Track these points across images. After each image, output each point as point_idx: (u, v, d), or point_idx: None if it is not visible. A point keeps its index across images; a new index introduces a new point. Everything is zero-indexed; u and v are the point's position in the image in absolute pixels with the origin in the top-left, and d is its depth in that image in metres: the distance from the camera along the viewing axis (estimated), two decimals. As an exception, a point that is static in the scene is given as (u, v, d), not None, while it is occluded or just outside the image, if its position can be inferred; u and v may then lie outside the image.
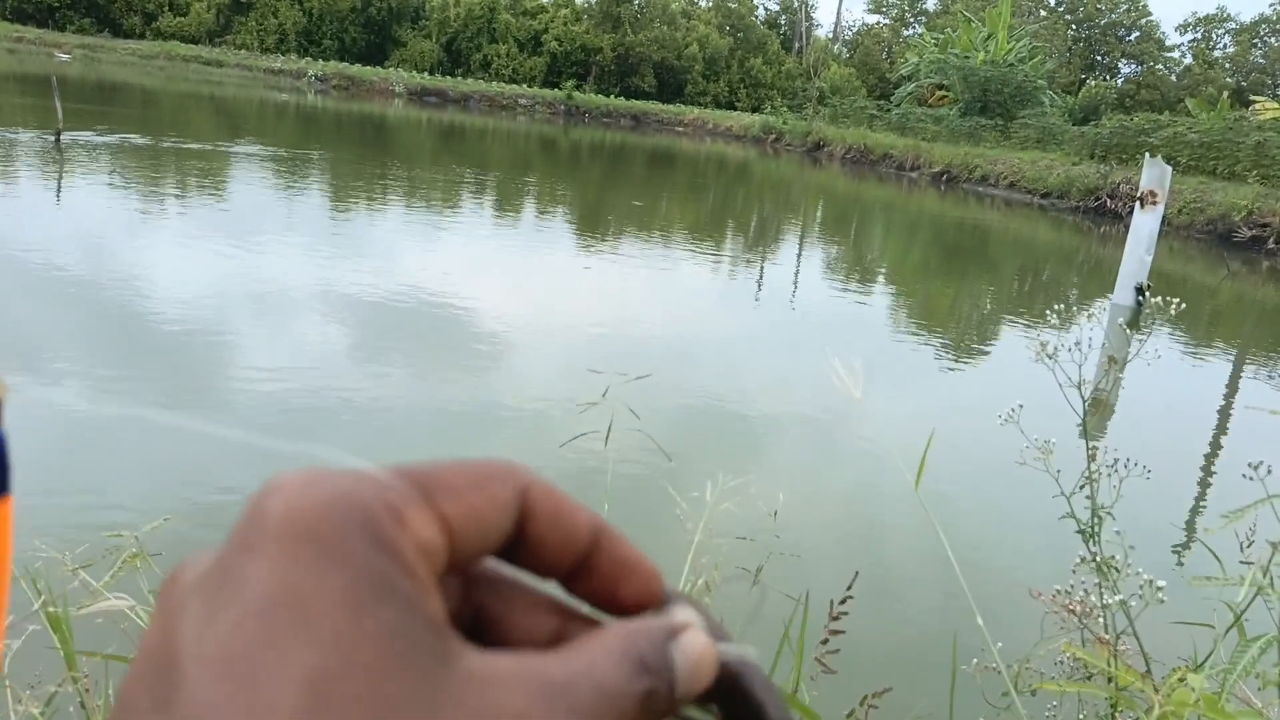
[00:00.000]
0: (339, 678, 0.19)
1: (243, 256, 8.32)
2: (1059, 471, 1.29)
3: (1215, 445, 6.36)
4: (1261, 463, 1.12)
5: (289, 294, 7.20)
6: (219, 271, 7.56)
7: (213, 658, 0.19)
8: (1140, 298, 9.90)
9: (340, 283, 7.63)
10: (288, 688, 0.19)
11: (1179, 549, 4.11)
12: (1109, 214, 23.15)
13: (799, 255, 13.90)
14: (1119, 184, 23.38)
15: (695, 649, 0.24)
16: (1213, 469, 5.75)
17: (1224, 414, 7.26)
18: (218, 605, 0.20)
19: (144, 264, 7.60)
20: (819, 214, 20.85)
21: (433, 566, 0.23)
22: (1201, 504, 5.04)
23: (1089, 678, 1.14)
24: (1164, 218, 10.83)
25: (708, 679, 0.24)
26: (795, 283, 11.27)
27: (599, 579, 0.26)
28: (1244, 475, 1.14)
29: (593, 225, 14.36)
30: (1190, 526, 4.58)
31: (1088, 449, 1.26)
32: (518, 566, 0.26)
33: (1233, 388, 8.27)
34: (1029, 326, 9.55)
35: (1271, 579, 1.06)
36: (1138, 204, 10.32)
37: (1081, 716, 1.30)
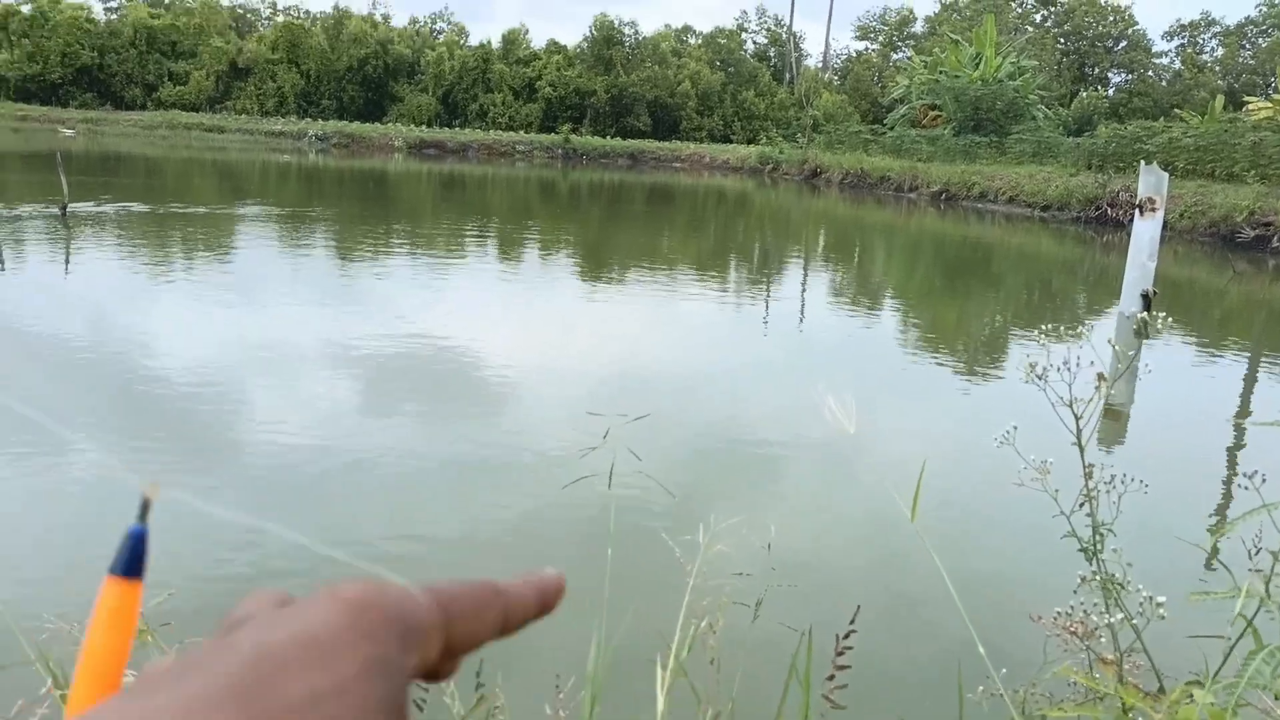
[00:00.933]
0: (334, 700, 0.25)
1: (250, 318, 8.39)
2: (1057, 491, 1.29)
3: (1235, 449, 6.30)
4: (1256, 472, 1.11)
5: (296, 353, 7.24)
6: (227, 335, 7.62)
7: (259, 644, 0.26)
8: (1146, 305, 9.87)
9: (347, 340, 7.67)
10: (297, 688, 0.25)
11: (1201, 558, 4.06)
12: (1110, 222, 23.15)
13: (803, 283, 13.92)
14: (1118, 192, 23.41)
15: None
16: (1233, 473, 5.70)
17: (1241, 416, 7.20)
18: (278, 619, 0.27)
19: (153, 331, 7.67)
20: (820, 240, 20.91)
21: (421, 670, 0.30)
22: (1224, 510, 4.99)
23: (1100, 698, 1.13)
24: (1165, 223, 10.83)
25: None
26: (801, 312, 11.28)
27: None
28: (1240, 485, 1.14)
29: (596, 264, 14.44)
30: (1213, 534, 4.53)
31: (1084, 467, 1.26)
32: None
33: (1248, 389, 8.22)
34: (1038, 342, 9.51)
35: (1270, 590, 1.06)
36: (1137, 211, 10.32)
37: (1099, 737, 1.28)
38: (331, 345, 7.45)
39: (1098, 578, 1.18)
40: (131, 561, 0.32)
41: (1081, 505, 1.33)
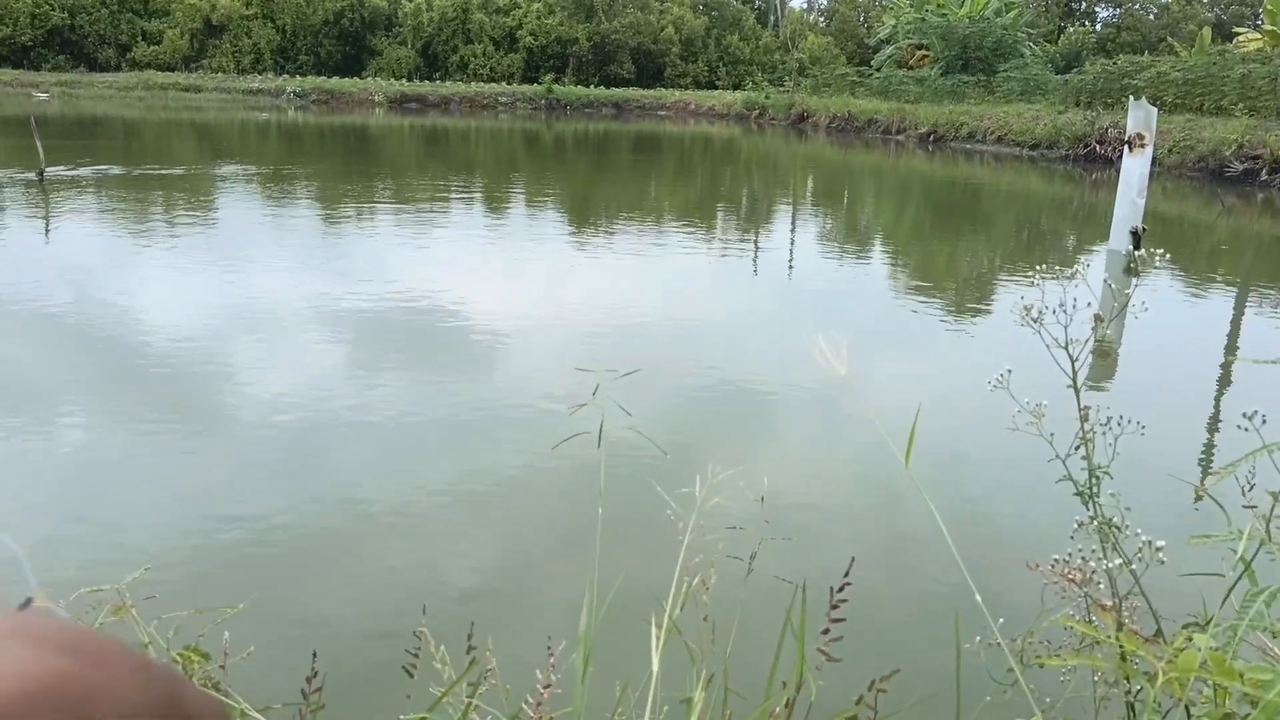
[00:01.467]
0: None
1: (235, 279, 8.30)
2: (1052, 434, 1.26)
3: (1224, 385, 6.32)
4: (1256, 412, 1.09)
5: (282, 312, 7.17)
6: (212, 297, 7.54)
7: None
8: (1136, 242, 9.85)
9: (336, 298, 7.60)
10: None
11: (1196, 497, 4.07)
12: (1100, 159, 23.02)
13: (792, 230, 13.83)
14: (1107, 129, 23.24)
15: None
16: (1220, 408, 5.71)
17: (1230, 351, 7.22)
18: None
19: (138, 295, 7.58)
20: (809, 185, 20.76)
21: None
22: (1212, 446, 5.00)
23: (1097, 644, 1.11)
24: (1154, 159, 10.76)
25: None
26: (791, 258, 11.22)
27: None
28: (1239, 426, 1.11)
29: (583, 217, 14.31)
30: (1205, 471, 4.55)
31: (1079, 409, 1.23)
32: None
33: (1237, 324, 8.23)
34: (1028, 282, 9.50)
35: (1270, 531, 1.04)
36: (1126, 148, 10.25)
37: (1096, 679, 1.28)
38: (320, 304, 7.38)
39: (1095, 522, 1.16)
40: None
41: (1077, 448, 1.30)
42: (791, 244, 12.35)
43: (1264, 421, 1.09)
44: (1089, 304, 1.25)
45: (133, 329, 6.56)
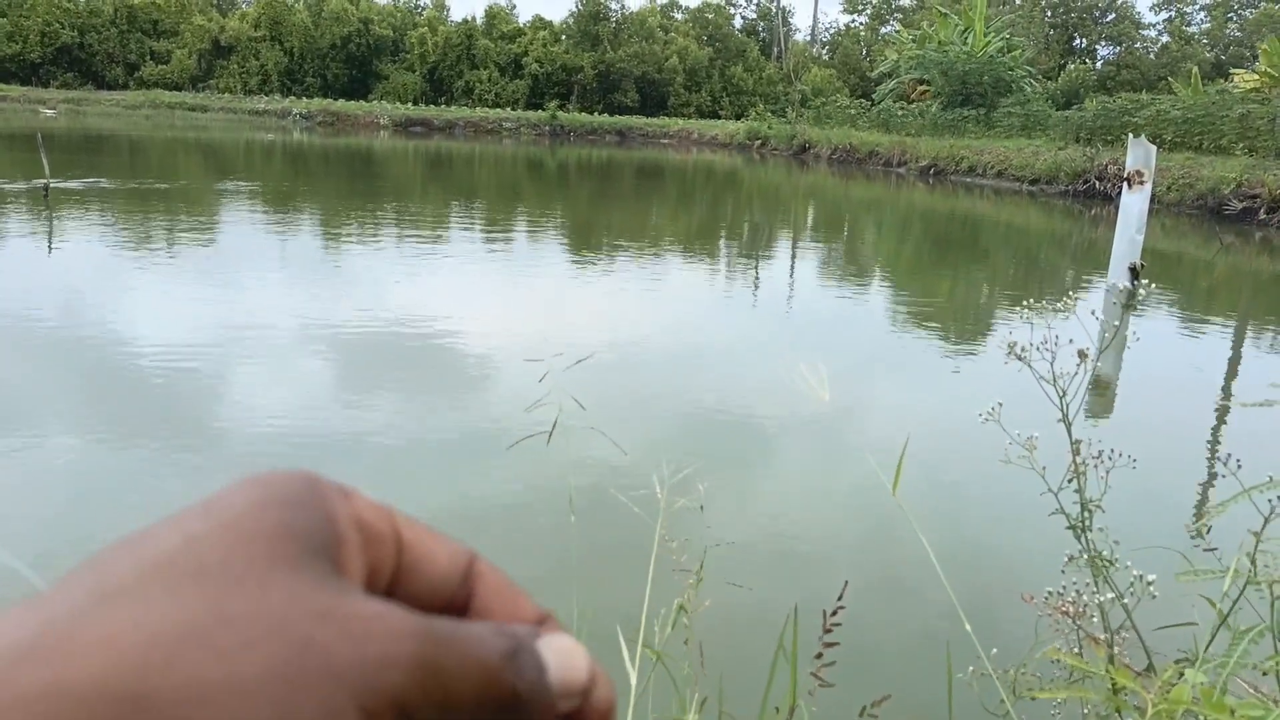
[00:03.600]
0: (213, 537, 0.21)
1: (235, 299, 8.33)
2: (1044, 468, 1.28)
3: (1221, 422, 6.33)
4: (1229, 455, 1.11)
5: (279, 334, 7.19)
6: (211, 316, 7.56)
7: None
8: (1134, 278, 9.89)
9: (331, 320, 7.62)
10: (168, 540, 0.21)
11: (1193, 535, 4.07)
12: (1099, 195, 23.16)
13: (792, 259, 13.90)
14: (1106, 165, 23.39)
15: (562, 642, 0.25)
16: (1218, 443, 5.72)
17: (1228, 388, 7.24)
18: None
19: (137, 312, 7.60)
20: (809, 216, 20.87)
21: (371, 545, 0.25)
22: (1210, 484, 5.01)
23: (1087, 678, 1.12)
24: (1153, 196, 10.83)
25: (582, 673, 0.24)
26: (790, 287, 11.26)
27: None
28: (1221, 474, 1.13)
29: (584, 243, 14.37)
30: (1201, 508, 4.55)
31: (1071, 444, 1.25)
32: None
33: (1235, 361, 8.25)
34: (1022, 317, 9.52)
35: (1255, 569, 1.05)
36: (1125, 185, 10.32)
37: (1086, 711, 1.28)
38: (315, 325, 7.40)
39: (1085, 555, 1.17)
40: None
41: (1070, 481, 1.32)
42: (791, 274, 12.40)
43: (1239, 466, 1.10)
44: (1070, 340, 1.27)
45: (128, 346, 6.58)
